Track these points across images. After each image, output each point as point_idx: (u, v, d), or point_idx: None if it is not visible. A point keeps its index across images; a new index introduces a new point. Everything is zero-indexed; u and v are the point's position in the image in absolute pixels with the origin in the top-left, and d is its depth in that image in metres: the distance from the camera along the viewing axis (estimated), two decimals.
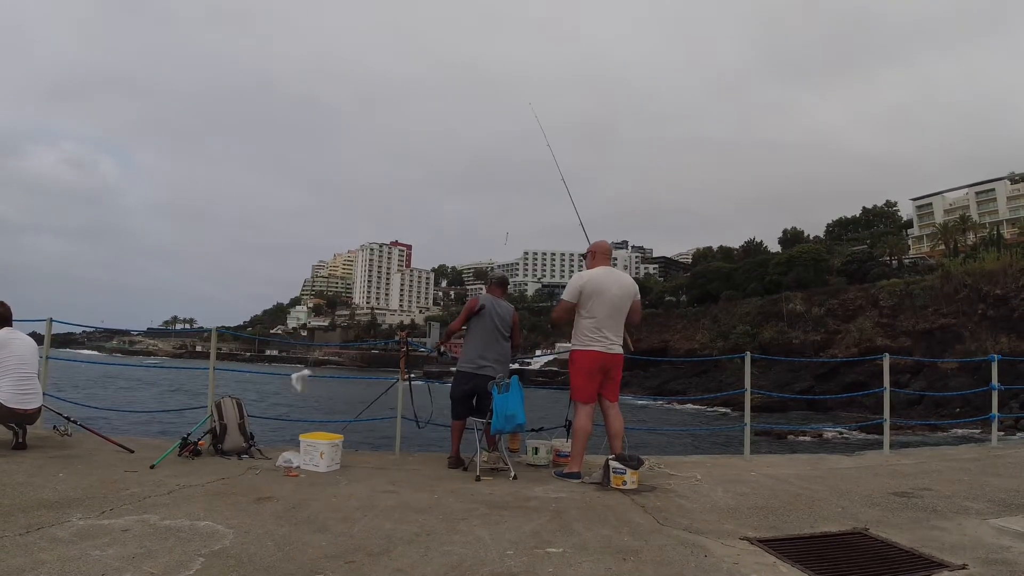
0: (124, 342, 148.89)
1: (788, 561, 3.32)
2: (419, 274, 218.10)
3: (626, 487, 5.01)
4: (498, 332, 6.11)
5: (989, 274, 49.73)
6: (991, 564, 3.28)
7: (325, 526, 3.75)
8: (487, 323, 6.11)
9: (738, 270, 78.29)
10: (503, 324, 6.14)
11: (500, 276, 6.90)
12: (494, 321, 6.11)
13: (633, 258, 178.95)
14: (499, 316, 6.15)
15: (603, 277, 5.74)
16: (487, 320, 6.12)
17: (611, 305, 5.66)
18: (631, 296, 5.76)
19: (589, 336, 5.64)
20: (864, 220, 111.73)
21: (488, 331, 6.09)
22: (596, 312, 5.64)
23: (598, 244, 6.05)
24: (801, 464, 6.68)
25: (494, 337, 6.09)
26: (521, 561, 3.23)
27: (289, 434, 6.12)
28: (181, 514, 3.84)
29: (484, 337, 6.08)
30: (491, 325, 6.10)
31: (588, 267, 5.93)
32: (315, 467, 5.45)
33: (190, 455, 5.76)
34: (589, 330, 5.65)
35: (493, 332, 6.09)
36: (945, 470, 6.31)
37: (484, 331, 6.09)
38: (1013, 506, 4.65)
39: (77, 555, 2.99)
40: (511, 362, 6.27)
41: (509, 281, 6.65)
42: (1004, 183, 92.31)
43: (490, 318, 6.12)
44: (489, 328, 6.10)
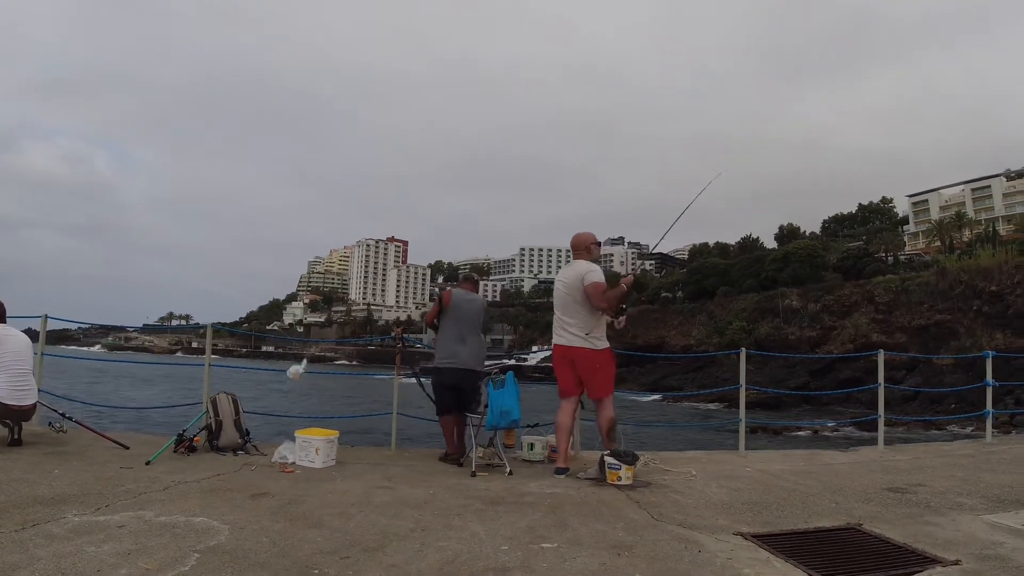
0: (120, 339, 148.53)
1: (781, 556, 3.34)
2: (415, 270, 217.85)
3: (621, 483, 5.02)
4: (469, 326, 6.20)
5: (984, 270, 49.86)
6: (985, 560, 3.29)
7: (320, 522, 3.76)
8: (458, 317, 6.20)
9: (734, 266, 78.29)
10: (474, 317, 6.25)
11: (469, 273, 6.98)
12: (466, 315, 6.21)
13: (630, 254, 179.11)
14: (470, 310, 6.25)
15: (560, 273, 5.85)
16: (458, 314, 6.21)
17: (558, 298, 5.73)
18: (575, 285, 5.61)
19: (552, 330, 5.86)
20: (860, 216, 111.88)
21: (460, 325, 6.18)
22: (555, 307, 5.79)
23: (573, 238, 6.03)
24: (796, 460, 6.69)
25: (466, 331, 6.18)
26: (516, 556, 3.25)
27: (285, 430, 6.13)
28: (176, 510, 3.85)
29: (457, 331, 6.16)
30: (463, 319, 6.20)
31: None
32: (311, 463, 5.46)
33: (186, 451, 5.78)
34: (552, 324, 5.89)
35: (465, 326, 6.18)
36: (939, 466, 6.31)
37: (456, 325, 6.18)
38: (1007, 502, 4.65)
39: (73, 551, 3.00)
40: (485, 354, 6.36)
41: (474, 277, 6.75)
42: (1000, 180, 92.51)
43: (462, 312, 6.22)
44: (461, 322, 6.19)
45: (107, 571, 2.79)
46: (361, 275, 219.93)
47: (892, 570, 3.17)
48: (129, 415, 20.44)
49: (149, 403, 23.16)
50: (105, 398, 30.75)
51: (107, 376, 45.09)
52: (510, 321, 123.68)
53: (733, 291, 71.93)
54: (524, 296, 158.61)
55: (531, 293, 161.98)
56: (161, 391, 33.57)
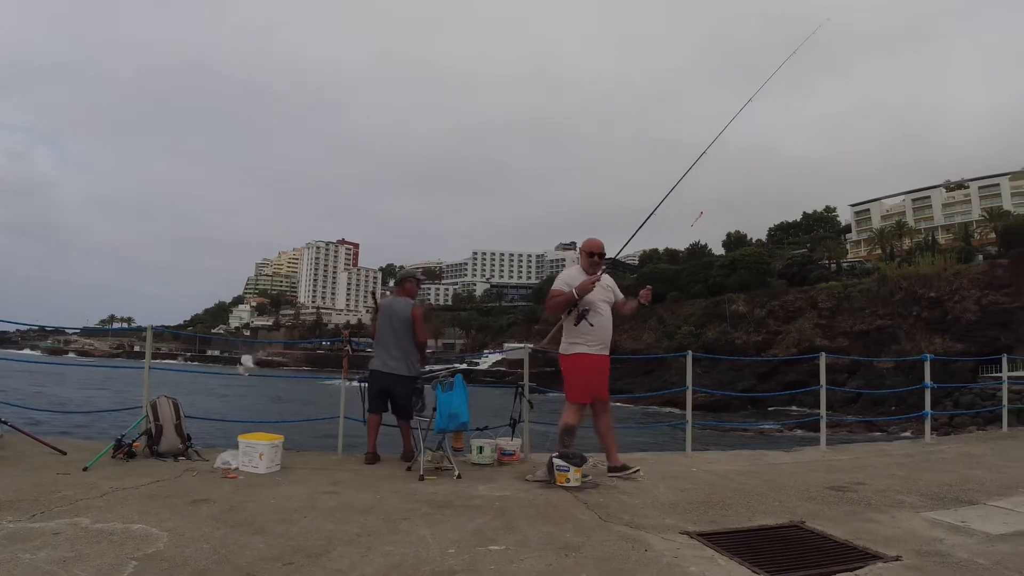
0: (60, 341, 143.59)
1: (726, 554, 3.38)
2: (366, 273, 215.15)
3: (570, 484, 5.04)
4: (394, 331, 6.25)
5: (924, 278, 51.76)
6: (924, 556, 3.37)
7: (263, 528, 3.67)
8: (383, 323, 6.32)
9: (683, 272, 79.59)
10: (398, 322, 6.28)
11: (400, 275, 6.98)
12: (390, 321, 6.29)
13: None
14: (394, 315, 6.32)
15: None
16: (383, 320, 6.34)
17: None
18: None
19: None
20: (805, 225, 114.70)
21: (385, 331, 6.28)
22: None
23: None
24: (741, 460, 6.81)
25: (391, 336, 6.25)
26: (463, 559, 3.22)
27: (229, 435, 5.99)
28: (114, 517, 3.73)
29: (383, 337, 6.28)
30: (387, 325, 6.29)
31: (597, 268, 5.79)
32: (254, 468, 5.33)
33: (124, 457, 5.59)
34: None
35: (390, 331, 6.26)
36: (879, 465, 6.48)
37: (382, 331, 6.30)
38: (946, 500, 4.79)
39: (7, 559, 2.91)
40: (418, 359, 6.34)
41: (411, 278, 6.77)
42: (940, 191, 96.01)
43: (386, 318, 6.33)
44: (385, 328, 6.29)
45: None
46: (311, 278, 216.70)
47: (834, 566, 3.23)
48: (67, 420, 19.77)
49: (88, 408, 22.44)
50: (43, 402, 29.69)
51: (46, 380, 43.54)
52: (462, 325, 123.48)
53: (682, 296, 73.15)
54: (476, 300, 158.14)
55: (483, 297, 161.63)
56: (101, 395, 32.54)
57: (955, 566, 3.19)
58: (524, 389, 6.78)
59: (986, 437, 9.61)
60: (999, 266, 49.74)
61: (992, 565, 3.18)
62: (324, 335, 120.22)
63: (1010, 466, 6.37)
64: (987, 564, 3.20)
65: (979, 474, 5.90)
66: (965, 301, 48.14)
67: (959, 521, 4.10)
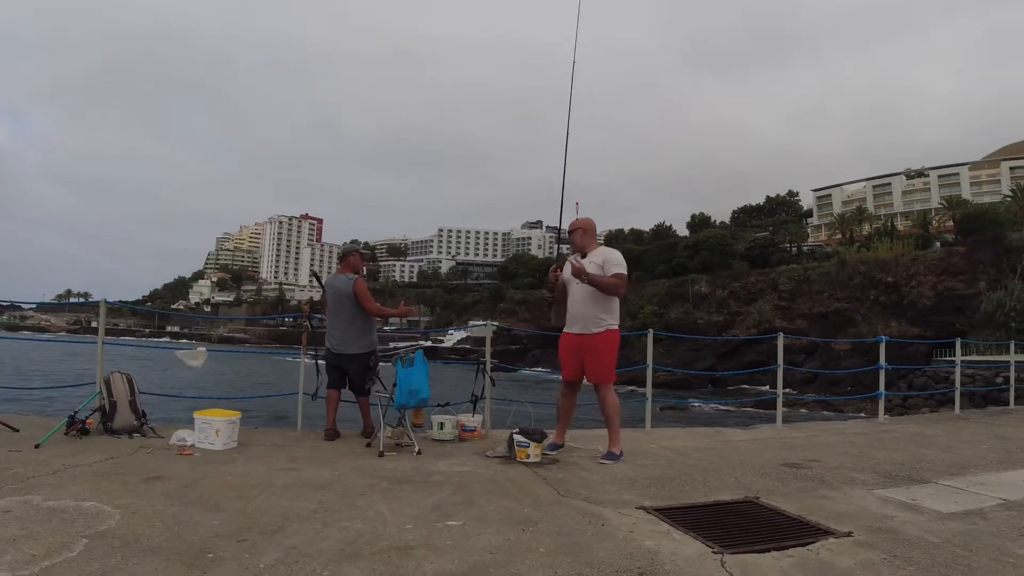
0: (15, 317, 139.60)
1: (682, 528, 3.43)
2: (330, 249, 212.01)
3: (530, 460, 5.07)
4: (339, 308, 6.21)
5: (882, 263, 52.91)
6: (876, 532, 3.44)
7: (218, 505, 3.63)
8: (331, 300, 6.27)
9: (647, 252, 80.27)
10: (342, 299, 6.21)
11: (342, 250, 6.88)
12: (334, 298, 6.25)
13: (548, 238, 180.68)
14: (337, 292, 6.26)
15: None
16: (328, 298, 6.31)
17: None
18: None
19: (618, 315, 5.58)
20: (767, 208, 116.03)
21: (331, 308, 6.27)
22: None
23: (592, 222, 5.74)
24: (699, 437, 6.92)
25: (335, 312, 6.22)
26: (420, 534, 3.22)
27: (186, 412, 5.89)
28: (66, 495, 3.66)
29: (330, 315, 6.26)
30: (332, 303, 6.26)
31: (589, 245, 5.62)
32: (210, 445, 5.26)
33: (78, 434, 5.48)
34: (618, 309, 5.59)
35: (335, 308, 6.23)
36: (834, 443, 6.63)
37: (329, 309, 6.29)
38: (897, 478, 4.90)
39: None
40: (372, 332, 6.31)
41: (353, 252, 6.66)
42: (900, 178, 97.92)
43: (331, 296, 6.29)
44: (331, 306, 6.27)
45: None
46: (273, 253, 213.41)
47: (787, 540, 3.28)
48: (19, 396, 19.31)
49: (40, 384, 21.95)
50: None
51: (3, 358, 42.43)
52: (427, 302, 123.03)
53: (646, 276, 73.76)
54: (441, 278, 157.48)
55: (448, 275, 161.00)
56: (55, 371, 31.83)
57: (906, 543, 3.26)
58: (486, 366, 6.77)
59: (938, 418, 9.86)
60: (956, 253, 51.02)
61: (942, 543, 3.25)
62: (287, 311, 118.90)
63: (961, 447, 6.53)
64: (937, 542, 3.27)
65: (930, 454, 6.05)
66: (921, 286, 49.36)
67: (910, 499, 4.19)
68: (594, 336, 5.41)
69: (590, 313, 5.43)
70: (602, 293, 5.37)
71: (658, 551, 3.06)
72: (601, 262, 5.44)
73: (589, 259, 5.49)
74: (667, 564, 2.89)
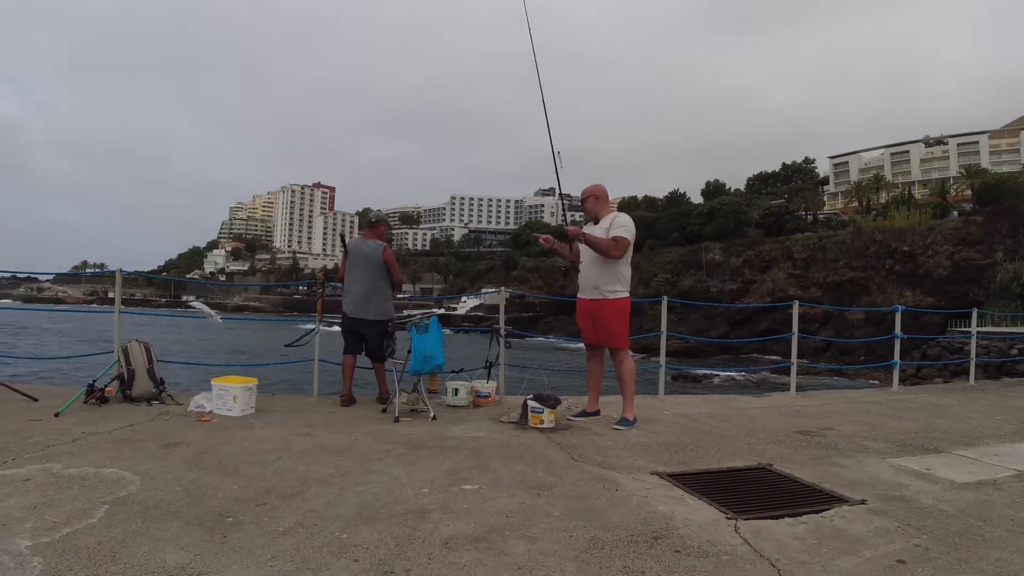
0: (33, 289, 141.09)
1: (695, 494, 3.44)
2: (343, 217, 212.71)
3: (543, 426, 5.10)
4: (362, 273, 6.24)
5: (898, 231, 52.36)
6: (889, 500, 3.43)
7: (236, 470, 3.67)
8: (355, 266, 6.28)
9: (661, 220, 79.75)
10: (368, 265, 6.25)
11: (373, 216, 6.85)
12: (359, 263, 6.27)
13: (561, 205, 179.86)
14: (364, 257, 6.28)
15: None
16: (352, 263, 6.30)
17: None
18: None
19: (628, 282, 5.59)
20: (783, 175, 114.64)
21: (354, 273, 6.27)
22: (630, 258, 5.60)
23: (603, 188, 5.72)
24: (712, 404, 6.92)
25: (361, 280, 6.23)
26: (436, 498, 3.25)
27: (204, 379, 5.95)
28: (86, 462, 3.70)
29: (352, 280, 6.26)
30: (356, 267, 6.28)
31: (602, 211, 5.62)
32: (228, 411, 5.32)
33: (97, 402, 5.54)
34: (629, 276, 5.60)
35: (359, 273, 6.25)
36: (847, 412, 6.60)
37: (352, 274, 6.29)
38: (911, 447, 4.87)
39: None
40: (389, 299, 6.35)
41: (385, 221, 6.73)
42: (919, 146, 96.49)
43: (355, 260, 6.29)
44: (355, 270, 6.28)
45: (12, 525, 2.67)
46: (286, 222, 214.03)
47: (800, 507, 3.28)
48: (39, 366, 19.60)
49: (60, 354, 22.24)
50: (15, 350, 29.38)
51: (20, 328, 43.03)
52: (440, 270, 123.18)
53: (659, 244, 73.38)
54: (454, 245, 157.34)
55: (461, 242, 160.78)
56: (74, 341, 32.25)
57: (919, 511, 3.24)
58: (500, 332, 6.79)
59: (952, 388, 9.80)
60: (973, 223, 50.37)
61: (956, 512, 3.23)
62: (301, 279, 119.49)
63: (975, 417, 6.47)
64: (951, 511, 3.25)
65: (945, 423, 6.00)
66: (938, 256, 48.85)
67: (924, 468, 4.17)
68: (601, 302, 5.46)
69: (597, 278, 5.47)
70: (605, 258, 5.40)
71: (672, 516, 3.07)
72: (608, 225, 5.46)
73: (600, 224, 5.52)
74: (681, 529, 2.90)
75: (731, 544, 2.73)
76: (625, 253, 5.47)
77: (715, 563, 2.52)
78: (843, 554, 2.65)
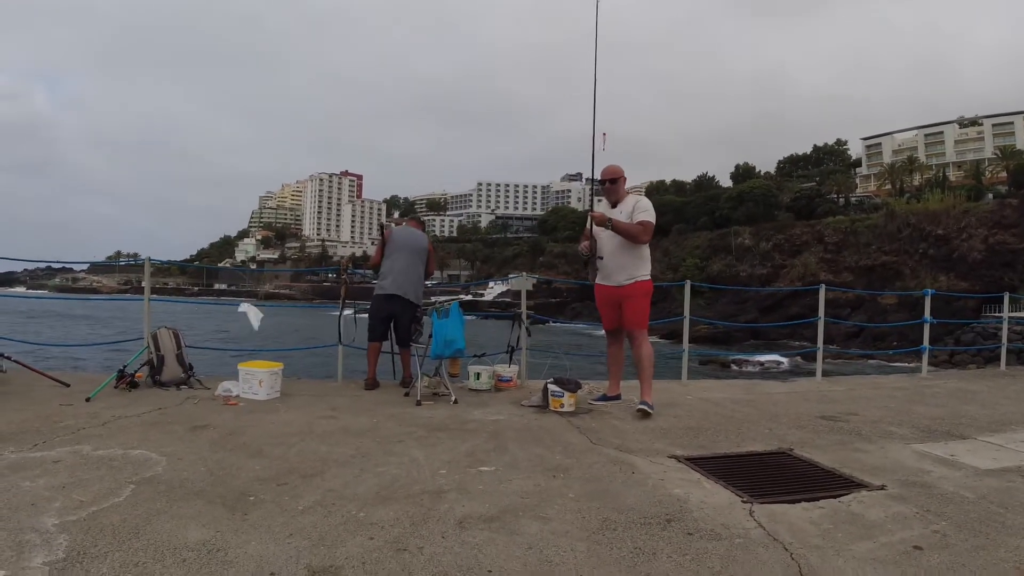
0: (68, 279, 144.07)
1: (712, 478, 3.44)
2: (371, 205, 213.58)
3: (563, 410, 5.12)
4: (407, 259, 6.40)
5: (932, 214, 51.32)
6: (909, 486, 3.38)
7: (260, 451, 3.75)
8: (398, 249, 6.42)
9: (690, 204, 79.07)
10: (413, 249, 6.46)
11: (412, 208, 6.99)
12: (405, 247, 6.43)
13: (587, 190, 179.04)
14: (410, 242, 6.49)
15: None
16: (398, 246, 6.43)
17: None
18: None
19: (650, 264, 5.54)
20: (814, 158, 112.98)
21: (400, 256, 6.40)
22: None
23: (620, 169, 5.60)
24: (735, 389, 6.88)
25: (403, 263, 6.37)
26: (453, 479, 3.30)
27: (231, 364, 6.06)
28: (115, 444, 3.80)
29: (393, 263, 6.37)
30: (402, 251, 6.42)
31: (620, 194, 5.54)
32: (254, 395, 5.43)
33: (127, 387, 5.68)
34: (650, 258, 5.55)
35: (405, 256, 6.40)
36: (873, 397, 6.51)
37: (396, 256, 6.40)
38: (937, 433, 4.79)
39: (7, 487, 2.95)
40: (423, 286, 6.55)
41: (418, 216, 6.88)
42: (953, 127, 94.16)
43: (401, 244, 6.45)
44: (401, 254, 6.41)
45: (41, 504, 2.75)
46: (315, 210, 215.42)
47: (818, 492, 3.25)
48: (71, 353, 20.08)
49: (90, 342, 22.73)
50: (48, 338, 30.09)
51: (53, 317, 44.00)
52: (467, 257, 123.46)
53: (688, 228, 72.79)
54: (481, 232, 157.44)
55: (488, 229, 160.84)
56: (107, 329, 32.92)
57: (940, 498, 3.20)
58: (522, 317, 6.82)
59: (982, 374, 9.62)
60: (1008, 206, 49.25)
61: (977, 499, 3.18)
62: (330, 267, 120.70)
63: (1004, 403, 6.36)
64: (972, 497, 3.20)
65: (972, 410, 5.89)
66: (972, 239, 47.85)
67: (948, 454, 4.10)
68: (624, 287, 5.41)
69: (619, 264, 5.41)
70: (630, 243, 5.33)
71: (687, 499, 3.08)
72: (631, 210, 5.39)
73: (619, 208, 5.46)
74: (695, 512, 2.91)
75: (745, 527, 2.73)
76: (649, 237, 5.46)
77: (727, 546, 2.53)
78: (858, 539, 2.64)
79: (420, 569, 2.25)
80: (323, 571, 2.21)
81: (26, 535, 2.42)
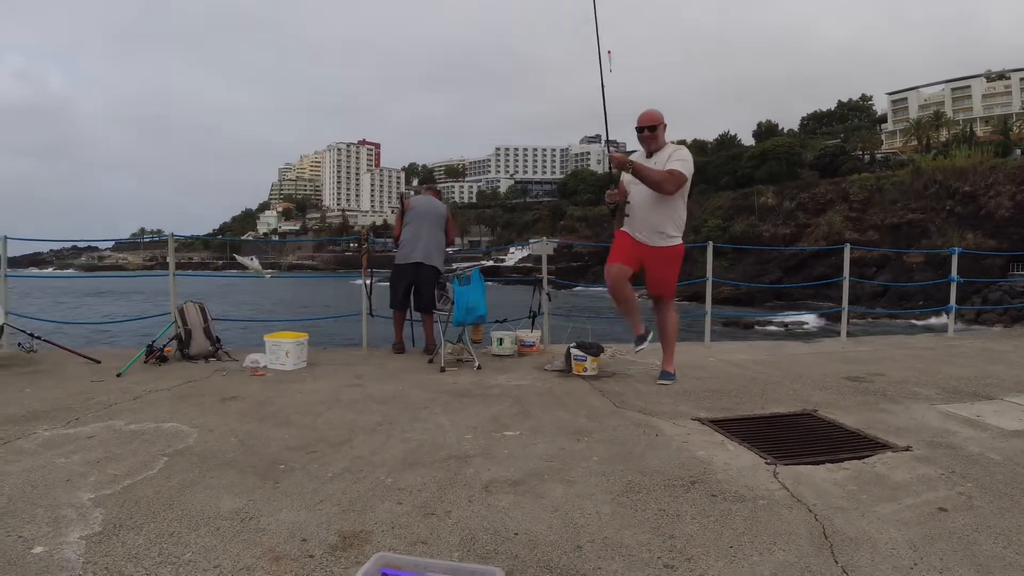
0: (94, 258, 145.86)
1: (736, 439, 3.45)
2: (389, 173, 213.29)
3: (587, 374, 5.15)
4: (427, 227, 6.52)
5: (959, 171, 50.08)
6: (935, 447, 3.36)
7: (289, 421, 3.82)
8: (419, 217, 6.55)
9: (711, 163, 78.04)
10: (434, 217, 6.59)
11: (429, 179, 7.06)
12: (426, 215, 6.57)
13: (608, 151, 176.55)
14: (431, 210, 6.62)
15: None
16: (419, 214, 6.56)
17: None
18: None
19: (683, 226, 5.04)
20: (839, 114, 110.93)
21: (422, 224, 6.53)
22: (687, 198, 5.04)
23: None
24: (759, 351, 6.86)
25: (423, 231, 6.50)
26: (478, 444, 3.34)
27: (258, 336, 6.15)
28: (146, 418, 3.87)
29: (414, 231, 6.51)
30: (424, 219, 6.55)
31: (660, 143, 4.97)
32: (281, 366, 5.51)
33: (156, 361, 5.78)
34: (684, 219, 5.05)
35: (426, 224, 6.53)
36: (899, 357, 6.45)
37: (417, 224, 6.54)
38: (963, 393, 4.74)
39: (42, 464, 3.01)
40: (444, 254, 6.67)
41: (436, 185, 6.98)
42: (980, 80, 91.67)
43: (422, 212, 6.58)
44: (423, 221, 6.54)
45: (76, 480, 2.81)
46: (334, 180, 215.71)
47: (842, 453, 3.24)
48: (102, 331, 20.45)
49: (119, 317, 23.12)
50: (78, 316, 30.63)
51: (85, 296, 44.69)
52: (487, 223, 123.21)
53: (710, 189, 71.94)
54: (501, 197, 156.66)
55: (508, 194, 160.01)
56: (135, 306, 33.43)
57: (965, 459, 3.17)
58: (543, 282, 6.84)
59: (1010, 334, 9.47)
60: None
61: (1004, 460, 3.15)
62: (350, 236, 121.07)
63: None
64: (998, 459, 3.17)
65: (999, 370, 5.80)
66: (1000, 196, 46.65)
67: (974, 415, 4.06)
68: (656, 249, 4.94)
69: (653, 221, 4.92)
70: (663, 198, 4.84)
71: (711, 461, 3.10)
72: (666, 159, 4.84)
73: (654, 159, 4.91)
74: (719, 473, 2.93)
75: (768, 489, 2.74)
76: (679, 190, 4.86)
77: (751, 507, 2.54)
78: (883, 500, 2.64)
79: (448, 532, 2.29)
80: (353, 536, 2.26)
81: (62, 510, 2.47)
